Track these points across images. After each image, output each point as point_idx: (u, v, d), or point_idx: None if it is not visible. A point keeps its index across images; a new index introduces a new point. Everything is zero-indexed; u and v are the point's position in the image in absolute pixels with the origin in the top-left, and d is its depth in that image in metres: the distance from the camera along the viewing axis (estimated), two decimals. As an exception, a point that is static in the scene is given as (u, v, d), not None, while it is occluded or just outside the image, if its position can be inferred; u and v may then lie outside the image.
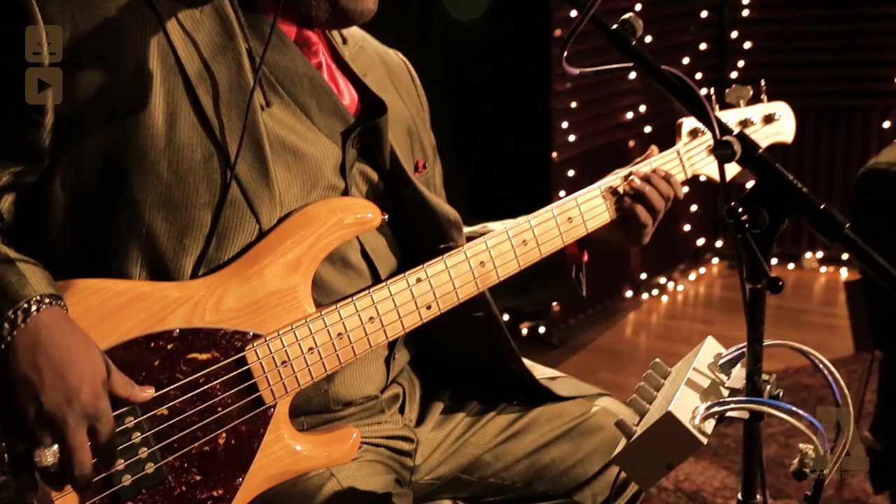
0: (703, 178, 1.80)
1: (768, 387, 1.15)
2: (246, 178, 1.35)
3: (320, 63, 1.48)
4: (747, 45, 5.27)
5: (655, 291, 5.12)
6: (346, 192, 1.47)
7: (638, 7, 4.60)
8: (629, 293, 4.97)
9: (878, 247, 2.29)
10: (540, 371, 1.73)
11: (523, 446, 1.63)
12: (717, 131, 1.09)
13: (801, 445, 1.16)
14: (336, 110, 1.46)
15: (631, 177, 1.65)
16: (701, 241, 5.49)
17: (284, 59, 1.42)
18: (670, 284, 5.20)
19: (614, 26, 1.19)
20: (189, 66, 1.33)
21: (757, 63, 5.28)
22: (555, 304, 4.39)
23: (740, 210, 1.06)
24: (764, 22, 5.25)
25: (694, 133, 1.78)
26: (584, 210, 1.62)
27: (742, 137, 1.08)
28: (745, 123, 1.81)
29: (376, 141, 1.51)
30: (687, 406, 1.14)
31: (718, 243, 5.56)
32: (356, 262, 1.49)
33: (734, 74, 5.28)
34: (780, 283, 1.07)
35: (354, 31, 1.60)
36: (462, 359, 1.64)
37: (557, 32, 4.13)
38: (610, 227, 1.66)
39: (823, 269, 5.33)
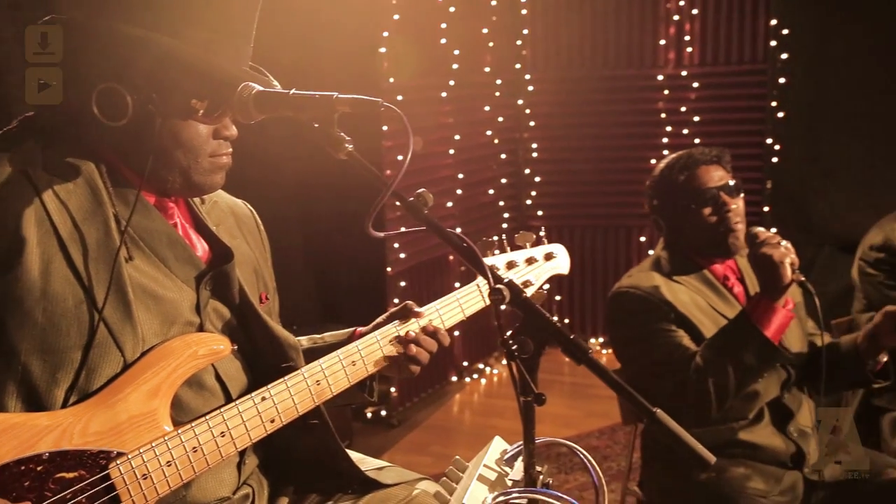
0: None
1: (541, 477, 1.18)
2: (112, 320, 1.33)
3: (176, 223, 1.48)
4: (538, 178, 5.50)
5: (475, 375, 5.17)
6: (201, 328, 1.45)
7: (452, 151, 4.77)
8: (454, 378, 5.00)
9: (627, 352, 2.41)
10: (369, 463, 1.72)
11: (358, 528, 1.61)
12: (491, 281, 1.14)
13: (565, 523, 1.20)
14: (190, 260, 1.46)
15: (404, 337, 1.60)
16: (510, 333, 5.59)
17: (146, 221, 1.41)
18: (487, 369, 5.26)
19: (411, 198, 1.23)
20: (62, 228, 1.31)
21: (545, 193, 5.51)
22: (393, 389, 4.38)
23: (511, 341, 1.11)
24: (549, 161, 5.50)
25: (510, 265, 1.80)
26: (364, 354, 1.58)
27: (511, 286, 1.13)
28: (530, 260, 1.84)
29: (226, 282, 1.51)
30: (478, 497, 1.16)
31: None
32: (211, 385, 1.46)
33: (528, 202, 5.50)
34: (543, 397, 1.11)
35: None
36: (302, 459, 1.61)
37: (388, 173, 4.21)
38: (389, 366, 1.63)
39: (605, 351, 5.51)
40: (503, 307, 1.12)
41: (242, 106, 1.32)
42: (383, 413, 4.39)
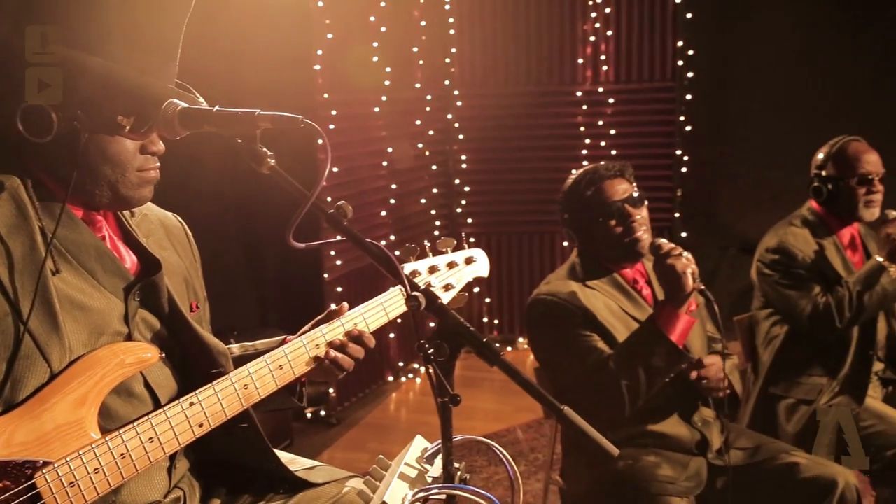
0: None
1: (459, 473, 1.17)
2: (38, 332, 1.27)
3: (104, 235, 1.43)
4: (467, 188, 5.51)
5: (410, 375, 5.13)
6: (129, 337, 1.41)
7: (385, 163, 4.74)
8: (390, 377, 4.96)
9: (546, 356, 2.42)
10: (300, 463, 1.68)
11: (289, 526, 1.58)
12: (408, 288, 1.12)
13: (482, 515, 1.19)
14: (118, 271, 1.40)
15: (329, 341, 1.57)
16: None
17: (73, 234, 1.36)
18: (422, 368, 5.23)
19: (331, 210, 1.21)
20: None
21: (474, 202, 5.52)
22: (331, 389, 4.33)
23: (427, 346, 1.10)
24: (477, 172, 5.51)
25: (413, 274, 1.77)
26: (291, 358, 1.54)
27: (426, 293, 1.12)
28: (451, 265, 1.83)
29: (155, 292, 1.46)
30: (398, 494, 1.14)
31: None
32: (139, 392, 1.41)
33: (459, 210, 5.50)
34: (458, 398, 1.10)
35: None
36: (234, 461, 1.57)
37: (324, 183, 4.16)
38: (316, 370, 1.58)
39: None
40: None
41: (167, 122, 1.28)
42: (322, 413, 4.33)
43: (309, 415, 4.32)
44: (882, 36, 5.10)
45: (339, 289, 4.28)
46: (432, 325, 1.14)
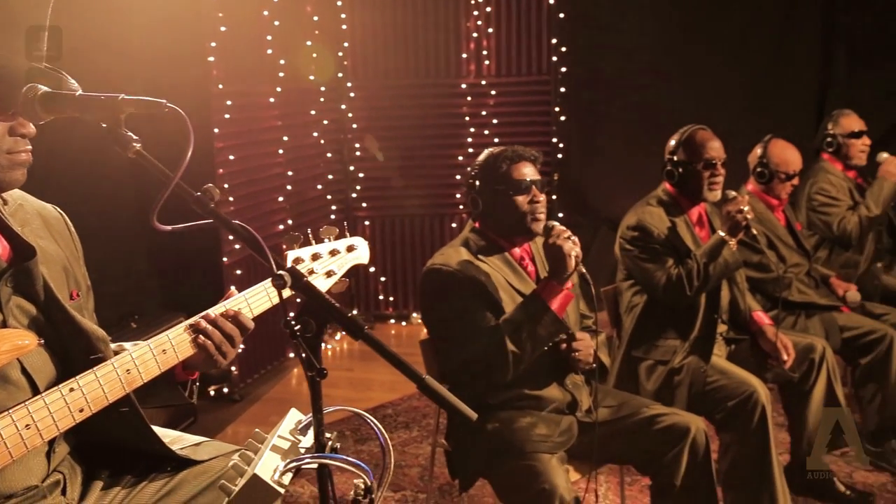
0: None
1: (330, 443, 1.15)
2: None
3: None
4: (361, 175, 5.45)
5: (311, 351, 5.06)
6: (4, 324, 1.30)
7: (281, 151, 4.62)
8: (291, 354, 4.87)
9: (437, 323, 2.42)
10: (186, 440, 1.61)
11: (176, 501, 1.51)
12: (274, 267, 1.08)
13: (354, 481, 1.17)
14: (-12, 259, 1.30)
15: (200, 320, 1.48)
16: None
17: None
18: (322, 345, 5.15)
19: (198, 193, 1.15)
20: None
21: (369, 187, 5.47)
22: (234, 368, 4.21)
23: (293, 322, 1.06)
24: (372, 159, 5.44)
25: (296, 261, 1.70)
26: (175, 343, 1.45)
27: (292, 272, 1.08)
28: (333, 252, 1.79)
29: (28, 279, 1.36)
30: (270, 466, 1.11)
31: (355, 311, 5.63)
32: (16, 378, 1.31)
33: (354, 195, 5.44)
34: (325, 372, 1.07)
35: (14, 193, 1.44)
36: (115, 444, 1.49)
37: (220, 172, 4.03)
38: (199, 355, 1.49)
39: (425, 323, 5.55)
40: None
41: (28, 106, 1.19)
42: (225, 390, 4.21)
43: (212, 392, 4.19)
44: (729, 36, 5.33)
45: (239, 272, 4.15)
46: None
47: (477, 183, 2.36)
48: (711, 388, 2.68)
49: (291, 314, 1.07)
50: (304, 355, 1.07)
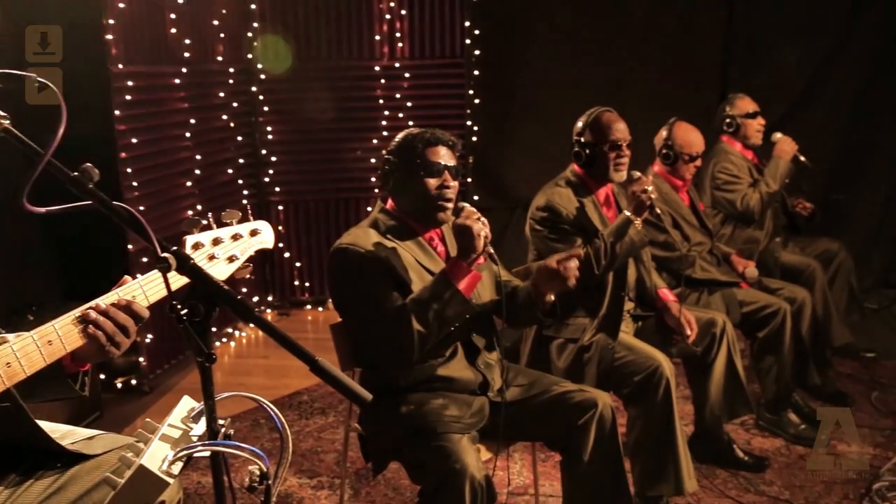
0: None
1: (223, 430, 1.11)
2: None
3: None
4: (273, 158, 5.32)
5: (224, 339, 4.94)
6: None
7: (189, 134, 4.47)
8: (204, 343, 4.73)
9: (344, 303, 2.38)
10: (79, 434, 1.53)
11: (66, 498, 1.43)
12: (159, 250, 1.03)
13: (249, 468, 1.13)
14: None
15: (90, 311, 1.41)
16: (256, 298, 5.42)
17: None
18: (237, 332, 5.05)
19: (75, 173, 1.08)
20: None
21: (281, 171, 5.36)
22: (142, 358, 4.06)
23: (179, 306, 1.02)
24: (283, 143, 5.34)
25: (196, 246, 1.62)
26: (61, 333, 1.37)
27: (177, 254, 1.03)
28: (236, 237, 1.73)
29: None
30: (158, 456, 1.06)
31: (269, 298, 5.52)
32: None
33: (266, 179, 5.31)
34: (214, 357, 1.03)
35: None
36: (-3, 442, 1.41)
37: (123, 155, 3.85)
38: (89, 346, 1.41)
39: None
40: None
41: None
42: (134, 382, 4.06)
43: (120, 384, 4.03)
44: (637, 20, 5.45)
45: (145, 259, 4.00)
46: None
47: (394, 159, 2.33)
48: (619, 363, 2.75)
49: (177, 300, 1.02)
50: (192, 341, 1.03)
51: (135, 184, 3.93)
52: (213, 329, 3.91)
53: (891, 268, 5.49)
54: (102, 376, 3.90)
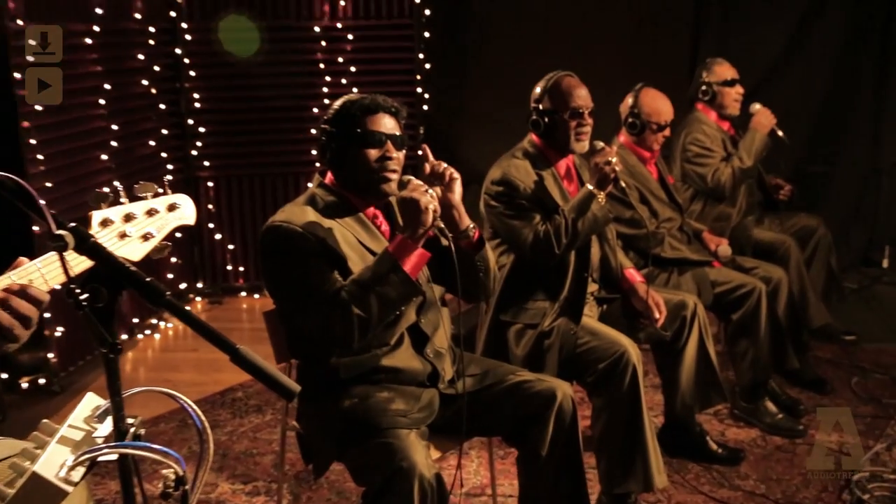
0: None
1: (133, 429, 1.07)
2: None
3: None
4: (202, 129, 5.22)
5: (148, 331, 4.86)
6: None
7: (103, 101, 4.34)
8: (124, 335, 4.65)
9: (278, 285, 2.35)
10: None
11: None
12: (53, 226, 0.99)
13: (163, 471, 1.10)
14: None
15: None
16: (184, 285, 5.33)
17: None
18: (161, 323, 4.96)
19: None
20: None
21: (212, 143, 5.26)
22: (51, 354, 3.96)
23: (78, 290, 0.98)
24: (213, 111, 5.24)
25: (105, 223, 1.55)
26: None
27: (75, 231, 0.99)
28: (151, 212, 1.67)
29: None
30: (55, 461, 1.02)
31: (199, 284, 5.44)
32: None
33: (194, 152, 5.21)
34: (119, 347, 1.00)
35: None
36: None
37: (25, 125, 3.73)
38: None
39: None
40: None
41: None
42: (42, 381, 3.95)
43: (25, 385, 3.92)
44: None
45: (54, 243, 3.88)
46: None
47: (332, 129, 2.30)
48: (582, 350, 2.77)
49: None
50: (93, 329, 0.99)
51: (40, 157, 3.81)
52: (136, 320, 3.84)
53: (871, 245, 5.63)
54: (4, 375, 3.80)
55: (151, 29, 4.84)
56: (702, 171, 3.92)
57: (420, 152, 2.39)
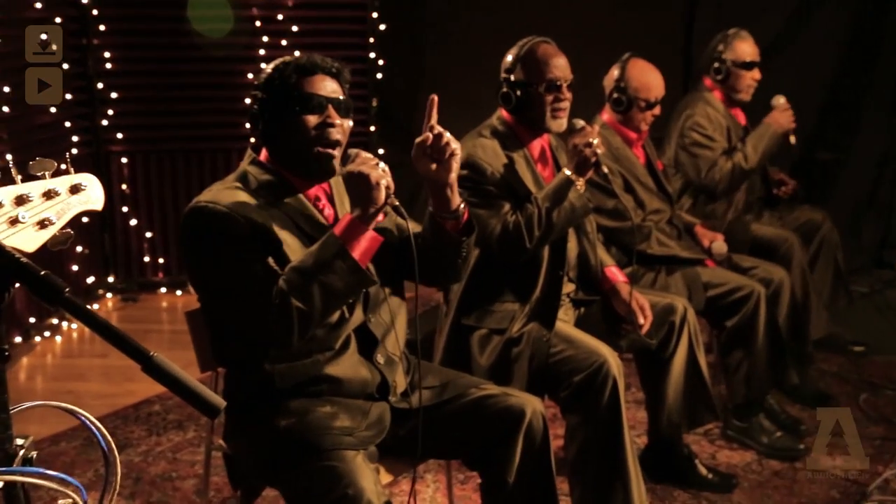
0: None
1: (22, 451, 1.05)
2: None
3: None
4: (114, 95, 5.15)
5: (48, 333, 4.78)
6: None
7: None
8: (18, 338, 4.56)
9: (202, 274, 2.32)
10: None
11: None
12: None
13: (59, 502, 1.08)
14: None
15: None
16: (92, 280, 5.26)
17: None
18: (64, 324, 4.89)
19: None
20: None
21: (126, 111, 5.19)
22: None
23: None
24: (128, 74, 5.18)
25: (21, 200, 1.54)
26: None
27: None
28: (49, 194, 1.64)
29: None
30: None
31: (110, 279, 5.37)
32: None
33: (105, 122, 5.14)
34: (7, 353, 0.98)
35: None
36: None
37: None
38: None
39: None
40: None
41: None
42: (-80, 390, 3.87)
43: None
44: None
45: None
46: None
47: (263, 95, 2.27)
48: (556, 360, 2.79)
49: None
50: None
51: None
52: (32, 320, 3.79)
53: (885, 244, 5.72)
54: None
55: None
56: (696, 162, 3.91)
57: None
